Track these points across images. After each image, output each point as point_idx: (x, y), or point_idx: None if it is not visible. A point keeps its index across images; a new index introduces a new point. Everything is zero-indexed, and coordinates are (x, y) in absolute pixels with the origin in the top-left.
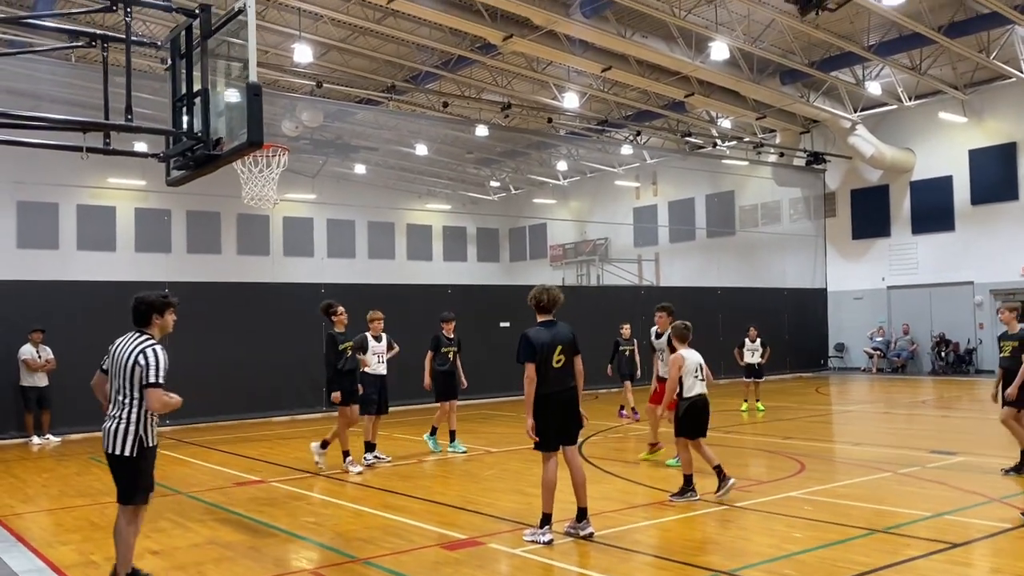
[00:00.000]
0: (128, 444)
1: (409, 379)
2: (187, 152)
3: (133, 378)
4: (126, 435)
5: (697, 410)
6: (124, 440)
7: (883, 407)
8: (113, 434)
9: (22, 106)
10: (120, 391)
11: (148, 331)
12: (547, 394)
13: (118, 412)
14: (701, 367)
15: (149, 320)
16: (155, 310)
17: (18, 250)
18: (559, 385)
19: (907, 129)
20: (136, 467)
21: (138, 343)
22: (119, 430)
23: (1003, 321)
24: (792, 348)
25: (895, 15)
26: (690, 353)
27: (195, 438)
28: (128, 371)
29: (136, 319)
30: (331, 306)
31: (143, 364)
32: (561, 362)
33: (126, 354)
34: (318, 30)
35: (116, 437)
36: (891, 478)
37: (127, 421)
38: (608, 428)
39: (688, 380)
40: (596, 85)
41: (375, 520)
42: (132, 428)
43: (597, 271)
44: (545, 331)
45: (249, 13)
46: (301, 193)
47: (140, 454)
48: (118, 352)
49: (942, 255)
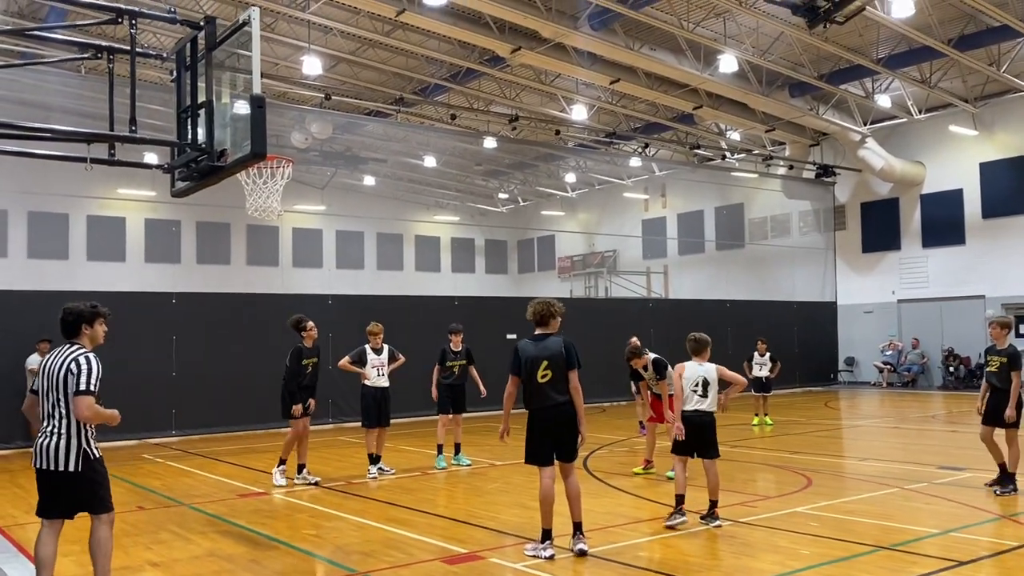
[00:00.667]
0: (72, 459)
1: (415, 391)
2: (192, 163)
3: (68, 389)
4: (68, 450)
5: (687, 426)
6: (67, 455)
7: (892, 422)
8: (53, 450)
9: (33, 117)
10: (55, 406)
11: (78, 341)
12: (535, 409)
13: (54, 427)
14: (706, 382)
15: (79, 330)
16: (84, 320)
17: (28, 260)
18: (545, 400)
19: (917, 142)
20: (87, 479)
21: (69, 352)
22: (59, 445)
23: (992, 336)
24: (801, 362)
25: (904, 28)
26: (693, 364)
27: (201, 449)
28: (61, 382)
29: (65, 329)
30: (301, 321)
31: (75, 371)
32: (547, 377)
33: (57, 365)
34: (327, 42)
35: (57, 453)
36: (899, 494)
37: (66, 435)
38: (614, 442)
39: (686, 392)
40: (604, 97)
41: (376, 533)
42: (74, 442)
43: (605, 283)
44: (532, 345)
45: (254, 25)
46: (310, 204)
47: (88, 467)
48: (49, 366)
49: (953, 269)
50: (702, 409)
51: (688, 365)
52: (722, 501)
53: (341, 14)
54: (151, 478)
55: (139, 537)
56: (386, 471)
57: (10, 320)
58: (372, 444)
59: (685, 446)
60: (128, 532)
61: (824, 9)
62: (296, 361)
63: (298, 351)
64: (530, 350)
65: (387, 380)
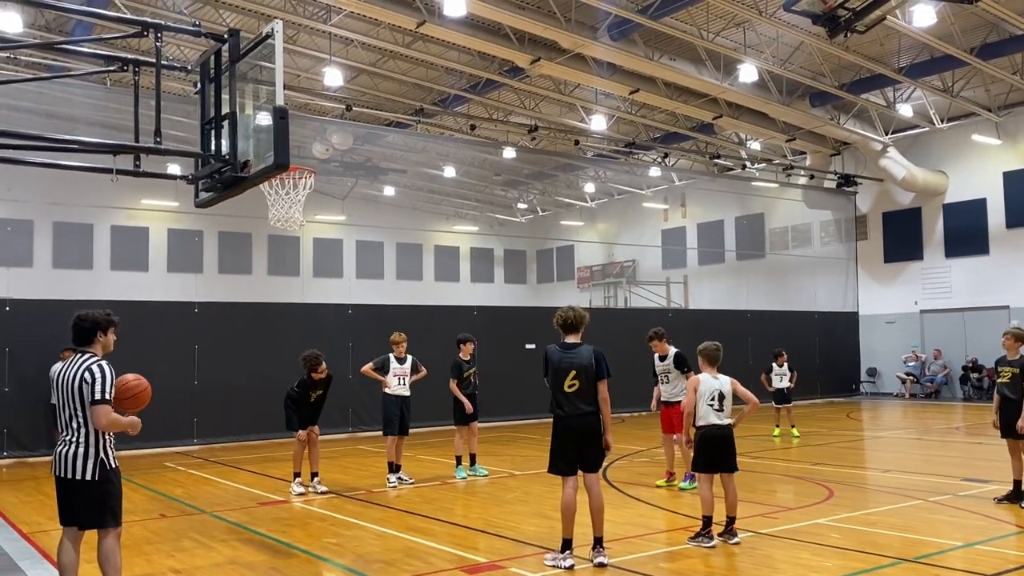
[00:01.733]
0: (89, 467)
1: (432, 402)
2: (215, 174)
3: (83, 398)
4: (85, 458)
5: (709, 442)
6: (84, 464)
7: (915, 433)
8: (71, 458)
9: (59, 129)
10: (72, 416)
11: (91, 349)
12: (560, 416)
13: (72, 436)
14: (722, 395)
15: (93, 338)
16: (100, 328)
17: (53, 270)
18: (571, 410)
19: (940, 151)
20: (101, 490)
21: (83, 361)
22: (76, 454)
23: (1005, 347)
24: (823, 372)
25: (926, 37)
26: (708, 378)
27: (222, 457)
28: (76, 391)
29: (79, 337)
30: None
31: (89, 380)
32: (575, 387)
33: (71, 375)
34: (348, 54)
35: (75, 461)
36: (922, 506)
37: (84, 444)
38: (634, 452)
39: (702, 407)
40: (624, 107)
41: (397, 542)
42: (92, 451)
43: (625, 293)
44: (559, 352)
45: (277, 38)
46: (331, 215)
47: (104, 476)
48: (62, 376)
49: (976, 279)
50: (721, 423)
51: (703, 378)
52: (743, 512)
53: (362, 26)
54: (173, 486)
55: (161, 544)
56: (406, 480)
57: (35, 329)
58: (393, 452)
59: (710, 463)
60: (150, 540)
61: (845, 19)
62: (304, 390)
63: (306, 383)
64: (558, 357)
65: (408, 390)
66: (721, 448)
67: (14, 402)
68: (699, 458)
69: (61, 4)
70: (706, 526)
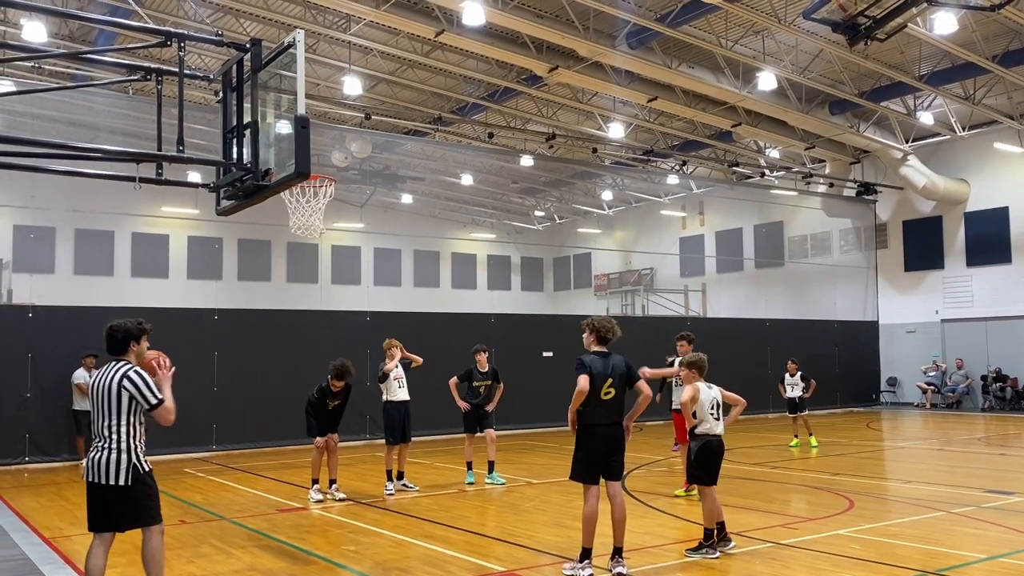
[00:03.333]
0: (122, 473)
1: (447, 409)
2: (237, 182)
3: (120, 406)
4: (119, 464)
5: (710, 452)
6: (118, 469)
7: (936, 444)
8: (104, 464)
9: (81, 137)
10: (105, 422)
11: (125, 358)
12: (591, 425)
13: (104, 443)
14: (718, 404)
15: (127, 347)
16: (133, 337)
17: (75, 276)
18: (605, 419)
19: (961, 159)
20: (136, 493)
21: (119, 370)
22: (109, 460)
23: None
24: (843, 382)
25: (947, 45)
26: (703, 388)
27: (241, 464)
28: (114, 399)
29: (112, 347)
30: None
31: (132, 389)
32: (610, 395)
33: (108, 383)
34: (368, 63)
35: (108, 467)
36: (944, 518)
37: (117, 450)
38: (652, 461)
39: (705, 417)
40: (642, 115)
41: (415, 550)
42: (124, 456)
43: (642, 301)
44: (599, 360)
45: (299, 48)
46: (349, 222)
47: (137, 480)
48: (98, 384)
49: (998, 288)
50: (720, 433)
51: (701, 388)
52: (763, 522)
53: (381, 35)
54: (193, 492)
55: (181, 551)
56: (410, 487)
57: (57, 335)
58: (393, 461)
59: (709, 474)
60: (171, 545)
61: (865, 26)
62: (321, 399)
63: (323, 390)
64: (598, 365)
65: (408, 394)
66: (719, 459)
67: (36, 407)
68: (701, 471)
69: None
70: (708, 538)
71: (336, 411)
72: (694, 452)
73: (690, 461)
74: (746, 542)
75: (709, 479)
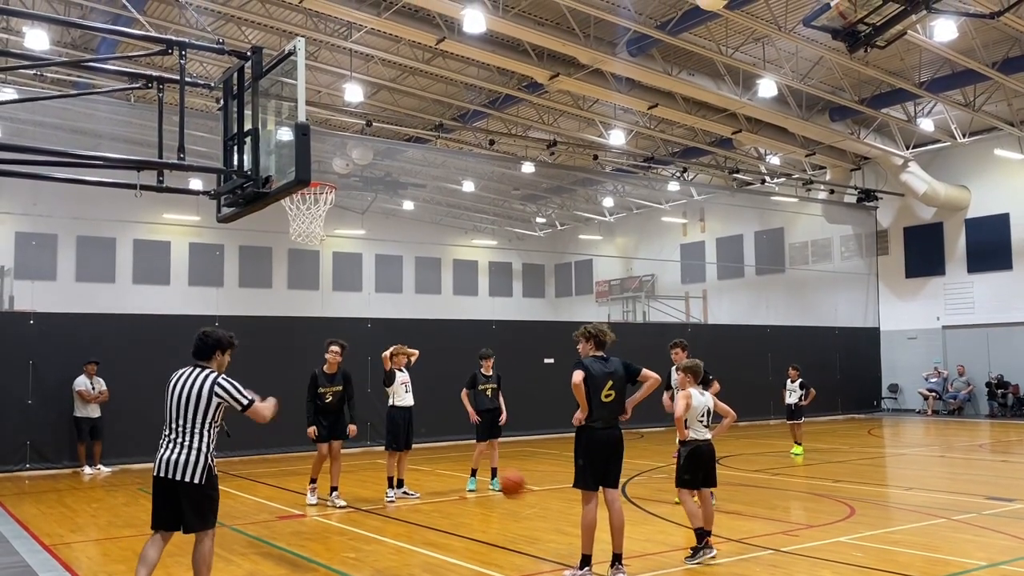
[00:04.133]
0: (199, 471)
1: (450, 415)
2: (237, 189)
3: (208, 409)
4: (196, 463)
5: (699, 457)
6: (195, 468)
7: (938, 451)
8: (183, 463)
9: (83, 144)
10: (184, 423)
11: (209, 365)
12: (593, 427)
13: (183, 441)
14: (709, 411)
15: (212, 355)
16: (221, 347)
17: (76, 283)
18: (607, 423)
19: (961, 166)
20: (207, 493)
21: (206, 377)
22: (187, 459)
23: None
24: (844, 388)
25: (947, 52)
26: (697, 393)
27: (241, 471)
28: (202, 402)
29: (199, 352)
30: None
31: (225, 396)
32: (611, 397)
33: (194, 388)
34: (369, 70)
35: (185, 466)
36: (946, 525)
37: (197, 450)
38: (652, 468)
39: (693, 423)
40: (642, 122)
41: (415, 557)
42: (202, 457)
43: (643, 308)
44: (598, 363)
45: (299, 55)
46: (350, 229)
47: (210, 480)
48: (181, 385)
49: (999, 294)
50: (708, 438)
51: (694, 393)
52: (764, 529)
53: (382, 43)
54: None
55: (182, 557)
56: (411, 494)
57: (59, 342)
58: (394, 467)
59: (696, 479)
60: (171, 552)
61: (865, 33)
62: (311, 388)
63: (313, 377)
64: (597, 368)
65: (412, 399)
66: (709, 463)
67: (37, 414)
68: (687, 474)
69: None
70: (700, 539)
71: (336, 408)
72: (683, 456)
73: (679, 464)
74: (747, 549)
75: (693, 483)
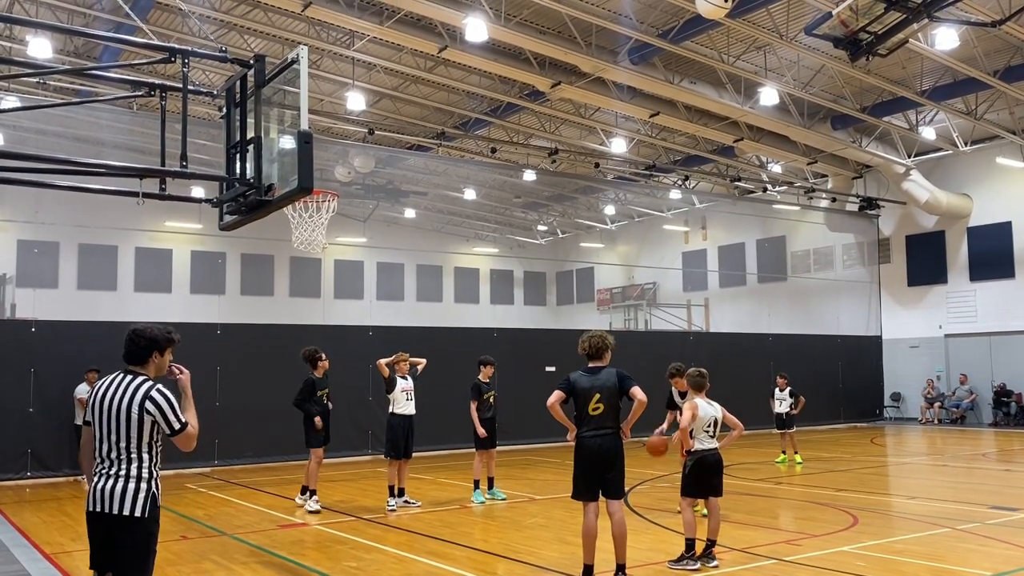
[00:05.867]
0: (139, 502)
1: (452, 424)
2: (240, 197)
3: (141, 429)
4: (136, 493)
5: (704, 467)
6: (135, 498)
7: (941, 460)
8: (119, 493)
9: (85, 152)
10: (120, 444)
11: (143, 371)
12: (582, 436)
13: (120, 469)
14: (716, 422)
15: (147, 358)
16: (157, 347)
17: (78, 291)
18: (595, 430)
19: (963, 174)
20: (149, 530)
21: (137, 388)
22: (126, 488)
23: None
24: (846, 397)
25: (949, 60)
26: (704, 404)
27: (242, 479)
28: (134, 421)
29: (132, 355)
30: (316, 352)
31: (154, 412)
32: (599, 410)
33: (124, 403)
34: (371, 79)
35: (122, 496)
36: (949, 534)
37: (136, 478)
38: (655, 477)
39: (699, 433)
40: (644, 130)
41: (416, 567)
42: (143, 485)
43: (645, 316)
44: (586, 377)
45: (302, 63)
46: (352, 237)
47: (153, 515)
48: (110, 399)
49: (1002, 302)
50: (715, 447)
51: (700, 404)
52: (766, 539)
53: (385, 51)
54: (194, 507)
55: (183, 567)
56: (412, 503)
57: (60, 350)
58: (395, 476)
59: (701, 489)
60: (172, 561)
61: (867, 42)
62: (309, 392)
63: (310, 383)
64: (584, 382)
65: (414, 407)
66: (715, 472)
67: (38, 422)
68: (691, 484)
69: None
70: (689, 549)
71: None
72: (689, 466)
73: (685, 474)
74: (749, 558)
75: (697, 492)
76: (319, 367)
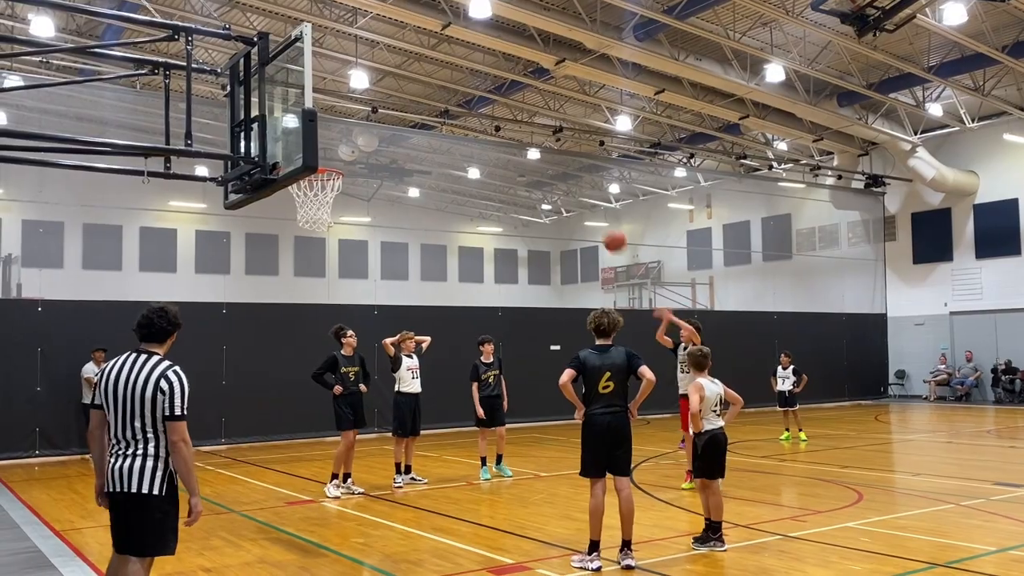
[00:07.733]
0: (157, 481)
1: (456, 402)
2: (244, 176)
3: (156, 408)
4: (154, 471)
5: (716, 446)
6: (153, 476)
7: (945, 436)
8: (138, 472)
9: (89, 132)
10: (136, 423)
11: (158, 351)
12: (591, 412)
13: (137, 449)
14: (721, 399)
15: (166, 338)
16: (176, 329)
17: (83, 271)
18: (605, 408)
19: (970, 151)
20: (165, 507)
21: (155, 367)
22: (144, 467)
23: None
24: (851, 375)
25: (956, 36)
26: (709, 383)
27: (249, 457)
28: (148, 400)
29: (150, 335)
30: (341, 329)
31: (166, 390)
32: (608, 388)
33: (140, 382)
34: (374, 56)
35: (140, 474)
36: (954, 510)
37: (154, 456)
38: (660, 454)
39: (707, 413)
40: (649, 108)
41: (424, 542)
42: (160, 464)
43: (649, 295)
44: (596, 355)
45: (306, 41)
46: (356, 216)
47: (171, 492)
48: (124, 379)
49: (1008, 280)
50: (722, 426)
51: (705, 384)
52: (772, 515)
53: (388, 28)
54: (202, 485)
55: (191, 543)
56: (418, 480)
57: (66, 329)
58: (401, 454)
59: (713, 468)
60: (180, 538)
61: (874, 18)
62: (333, 368)
63: (334, 359)
64: (594, 360)
65: (420, 386)
66: (723, 452)
67: (46, 401)
68: (704, 464)
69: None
70: (716, 530)
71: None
72: (700, 447)
73: (696, 455)
74: (755, 535)
75: (714, 472)
76: (345, 343)
